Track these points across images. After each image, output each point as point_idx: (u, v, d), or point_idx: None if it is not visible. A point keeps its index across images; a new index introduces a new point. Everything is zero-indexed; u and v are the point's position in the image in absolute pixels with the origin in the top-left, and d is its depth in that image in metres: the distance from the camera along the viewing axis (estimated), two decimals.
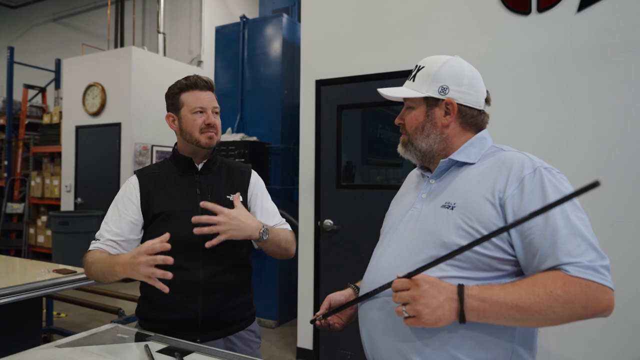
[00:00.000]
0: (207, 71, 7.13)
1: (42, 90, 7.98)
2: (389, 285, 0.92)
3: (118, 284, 5.65)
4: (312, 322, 1.23)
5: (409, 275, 0.87)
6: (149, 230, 1.49)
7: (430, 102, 1.10)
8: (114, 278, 1.33)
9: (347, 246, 3.22)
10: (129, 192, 1.51)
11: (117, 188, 6.09)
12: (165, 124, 1.72)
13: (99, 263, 1.37)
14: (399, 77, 3.06)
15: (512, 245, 0.94)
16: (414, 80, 1.13)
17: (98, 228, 1.43)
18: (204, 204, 1.34)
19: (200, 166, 1.54)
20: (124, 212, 1.48)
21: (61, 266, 2.76)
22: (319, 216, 3.32)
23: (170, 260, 1.21)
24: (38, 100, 8.13)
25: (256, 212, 1.56)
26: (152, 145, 6.11)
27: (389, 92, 1.15)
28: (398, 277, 0.89)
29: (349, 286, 1.32)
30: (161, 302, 1.46)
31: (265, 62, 4.35)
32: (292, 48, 4.36)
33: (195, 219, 1.31)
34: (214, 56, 4.80)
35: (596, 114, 2.49)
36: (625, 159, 2.40)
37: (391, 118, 3.30)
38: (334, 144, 3.30)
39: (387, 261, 1.08)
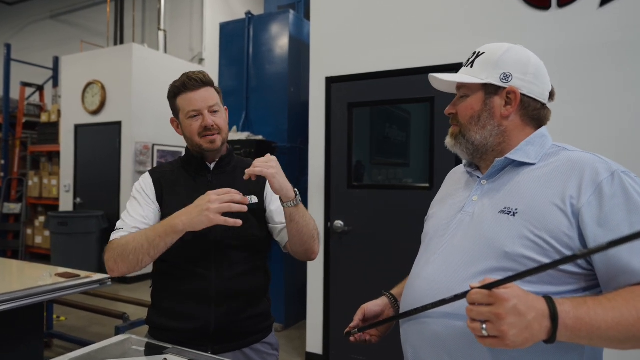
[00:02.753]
0: (209, 69, 7.01)
1: (40, 89, 7.85)
2: (462, 296, 0.79)
3: (119, 286, 5.54)
4: (347, 335, 1.13)
5: (490, 287, 0.73)
6: None
7: (489, 90, 1.00)
8: (167, 240, 1.21)
9: (358, 248, 3.13)
10: (145, 187, 1.42)
11: (118, 188, 6.02)
12: (166, 122, 1.63)
13: (139, 236, 1.24)
14: (412, 74, 2.97)
15: (586, 259, 0.85)
16: (472, 67, 1.03)
17: (98, 229, 1.34)
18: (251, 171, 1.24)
19: (212, 166, 1.45)
20: (144, 203, 1.39)
21: (62, 269, 2.66)
22: (329, 217, 3.22)
23: (246, 200, 1.21)
24: (35, 98, 8.00)
25: (272, 211, 1.45)
26: (153, 145, 6.00)
27: (443, 77, 1.04)
28: (473, 288, 0.75)
29: (383, 294, 1.21)
30: (172, 311, 1.36)
31: (271, 60, 4.25)
32: (298, 45, 4.27)
33: (249, 171, 1.22)
34: (215, 54, 4.72)
35: (620, 111, 2.41)
36: None
37: (398, 117, 3.21)
38: (345, 143, 3.20)
39: (435, 270, 0.98)
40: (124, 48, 6.09)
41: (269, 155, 1.27)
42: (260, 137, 4.09)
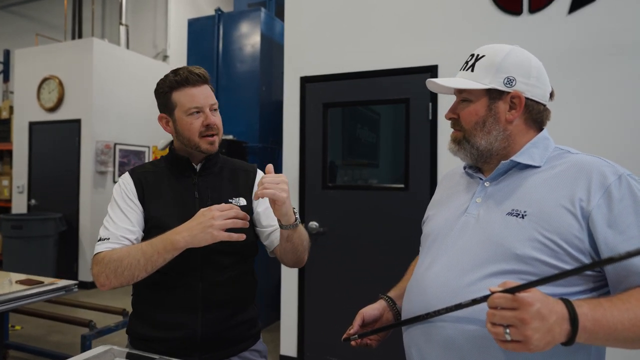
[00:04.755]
0: (173, 67, 6.79)
1: None
2: (481, 300, 0.78)
3: (79, 291, 5.28)
4: (346, 340, 1.10)
5: (512, 291, 0.73)
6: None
7: (493, 95, 0.99)
8: (166, 256, 1.14)
9: (333, 249, 3.11)
10: (125, 189, 1.33)
11: (77, 189, 5.75)
12: (129, 120, 1.54)
13: (135, 251, 1.16)
14: (388, 75, 2.98)
15: (594, 260, 0.86)
16: (472, 70, 1.01)
17: (56, 232, 1.23)
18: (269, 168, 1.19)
19: (198, 167, 1.38)
20: (126, 208, 1.29)
21: (22, 276, 2.50)
22: (303, 218, 3.19)
23: (247, 217, 1.18)
24: None
25: (259, 213, 1.40)
26: (115, 144, 5.76)
27: (445, 83, 1.02)
28: (494, 292, 0.74)
29: (380, 297, 1.19)
30: (156, 319, 1.29)
31: (242, 58, 4.18)
32: (270, 44, 4.21)
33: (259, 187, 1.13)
34: (180, 51, 4.59)
35: (587, 115, 2.51)
36: (616, 160, 2.43)
37: (369, 118, 3.22)
38: (320, 143, 3.18)
39: (441, 273, 0.96)
40: (84, 42, 5.82)
41: (271, 168, 1.18)
42: (230, 137, 4.00)
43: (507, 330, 0.72)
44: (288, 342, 3.25)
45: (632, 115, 2.43)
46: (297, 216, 1.23)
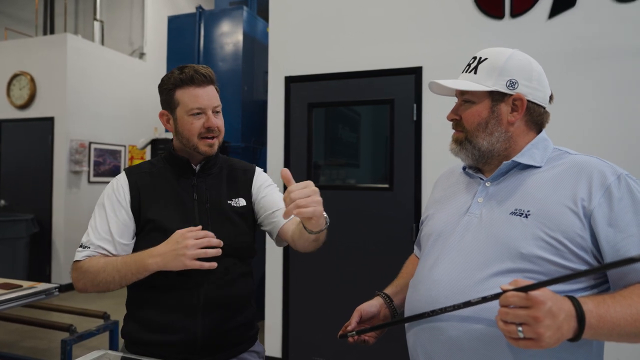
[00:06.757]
0: (150, 65, 6.68)
1: None
2: (492, 298, 0.80)
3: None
4: (342, 337, 1.11)
5: (526, 289, 0.74)
6: (140, 237, 1.29)
7: (495, 97, 1.02)
8: (139, 276, 1.19)
9: (318, 249, 3.10)
10: (117, 192, 1.30)
11: (50, 189, 5.58)
12: (105, 119, 1.50)
13: (110, 267, 1.20)
14: (373, 76, 3.01)
15: (595, 258, 0.89)
16: (475, 73, 1.04)
17: (27, 234, 1.20)
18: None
19: (197, 168, 1.36)
20: (111, 216, 1.27)
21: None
22: None
23: (221, 243, 1.19)
24: None
25: (265, 199, 1.37)
26: (90, 143, 5.61)
27: (449, 84, 1.04)
28: (506, 290, 0.76)
29: (377, 294, 1.20)
30: (154, 322, 1.27)
31: (224, 57, 4.13)
32: (252, 43, 4.18)
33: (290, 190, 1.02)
34: (157, 48, 4.51)
35: (566, 118, 2.59)
36: None
37: (350, 118, 3.24)
38: (304, 143, 3.18)
39: (446, 272, 0.97)
40: (57, 38, 5.64)
41: (288, 174, 1.08)
42: None
43: (520, 328, 0.74)
44: (272, 342, 3.23)
45: (611, 117, 2.52)
46: (326, 217, 1.14)
